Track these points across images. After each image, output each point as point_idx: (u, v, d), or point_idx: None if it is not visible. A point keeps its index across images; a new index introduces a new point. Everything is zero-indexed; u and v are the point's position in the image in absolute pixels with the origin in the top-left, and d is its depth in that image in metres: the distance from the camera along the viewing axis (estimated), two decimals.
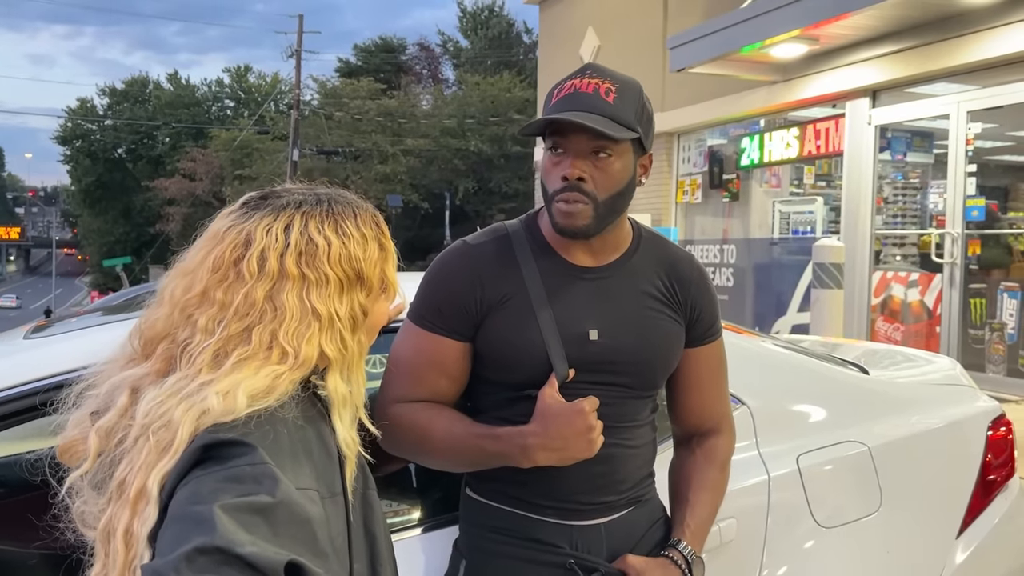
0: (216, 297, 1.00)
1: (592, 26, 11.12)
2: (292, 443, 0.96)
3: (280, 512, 0.86)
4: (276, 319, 0.99)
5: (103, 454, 0.98)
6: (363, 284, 1.07)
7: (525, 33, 33.48)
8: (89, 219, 48.94)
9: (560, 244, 1.51)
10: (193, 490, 0.86)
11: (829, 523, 1.96)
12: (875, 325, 7.28)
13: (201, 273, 1.02)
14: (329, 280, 1.02)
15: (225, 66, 78.94)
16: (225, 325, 0.98)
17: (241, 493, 0.85)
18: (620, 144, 1.42)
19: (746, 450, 1.91)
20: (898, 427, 2.17)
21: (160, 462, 0.91)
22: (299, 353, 0.99)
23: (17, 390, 1.52)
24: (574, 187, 1.42)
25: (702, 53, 7.60)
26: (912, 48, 6.77)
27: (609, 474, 1.50)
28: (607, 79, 1.43)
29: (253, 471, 0.87)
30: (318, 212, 1.06)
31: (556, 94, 1.45)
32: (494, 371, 1.50)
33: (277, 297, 1.00)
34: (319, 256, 1.02)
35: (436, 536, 1.68)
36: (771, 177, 8.87)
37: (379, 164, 26.31)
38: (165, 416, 0.93)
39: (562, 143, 1.43)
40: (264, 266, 1.00)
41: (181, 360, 0.99)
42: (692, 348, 1.58)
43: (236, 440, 0.90)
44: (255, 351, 0.98)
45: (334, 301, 1.03)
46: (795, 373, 2.19)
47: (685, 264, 1.58)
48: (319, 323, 1.01)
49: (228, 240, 1.02)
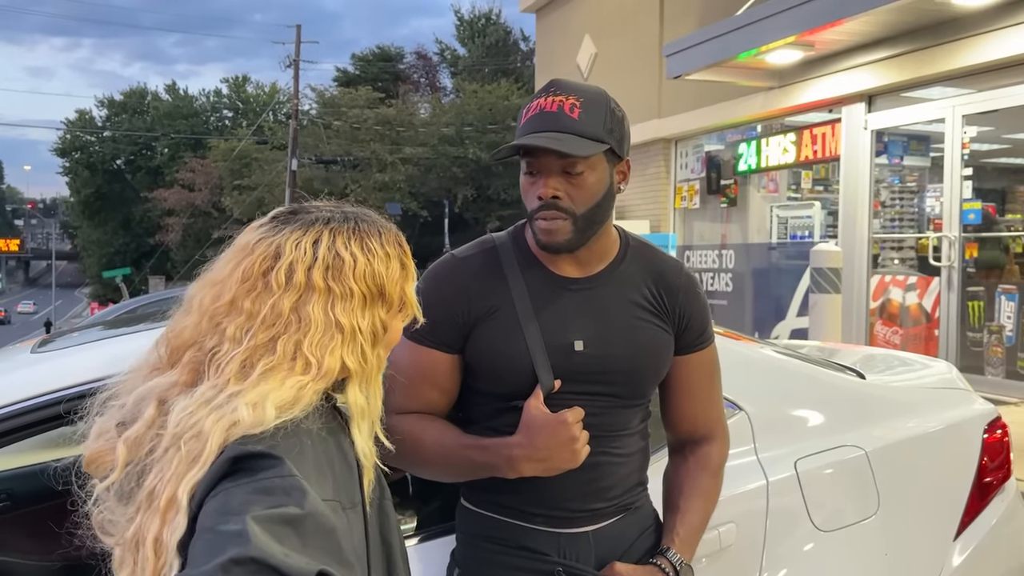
0: (244, 307, 1.03)
1: (589, 33, 11.15)
2: (316, 455, 0.98)
3: (309, 523, 0.88)
4: (301, 330, 1.02)
5: (130, 464, 1.00)
6: (384, 300, 1.10)
7: (522, 41, 33.58)
8: (88, 230, 48.97)
9: (546, 256, 1.52)
10: (223, 501, 0.88)
11: (827, 527, 1.97)
12: (874, 329, 7.30)
13: (230, 283, 1.05)
14: (354, 294, 1.06)
15: (223, 76, 79.08)
16: (252, 335, 1.01)
17: (271, 505, 0.86)
18: (591, 158, 1.43)
19: (745, 455, 1.93)
20: (895, 431, 2.18)
21: (190, 472, 0.93)
22: (322, 364, 1.02)
23: (34, 401, 1.54)
24: (551, 205, 1.44)
25: (698, 60, 7.63)
26: (907, 53, 6.80)
27: (597, 482, 1.51)
28: (571, 94, 1.44)
29: (283, 483, 0.89)
30: (345, 229, 1.09)
31: (525, 115, 1.47)
32: (483, 382, 1.51)
33: (303, 309, 1.03)
34: (345, 271, 1.06)
35: (434, 546, 1.69)
36: (769, 182, 8.89)
37: (378, 172, 26.36)
38: (196, 427, 0.95)
39: (534, 164, 1.45)
40: (292, 278, 1.03)
41: (210, 369, 1.01)
42: (683, 355, 1.59)
43: (265, 453, 0.92)
44: (280, 361, 1.00)
45: (357, 315, 1.06)
46: (792, 378, 2.20)
47: (673, 272, 1.59)
48: (342, 335, 1.04)
49: (258, 252, 1.06)
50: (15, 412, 1.55)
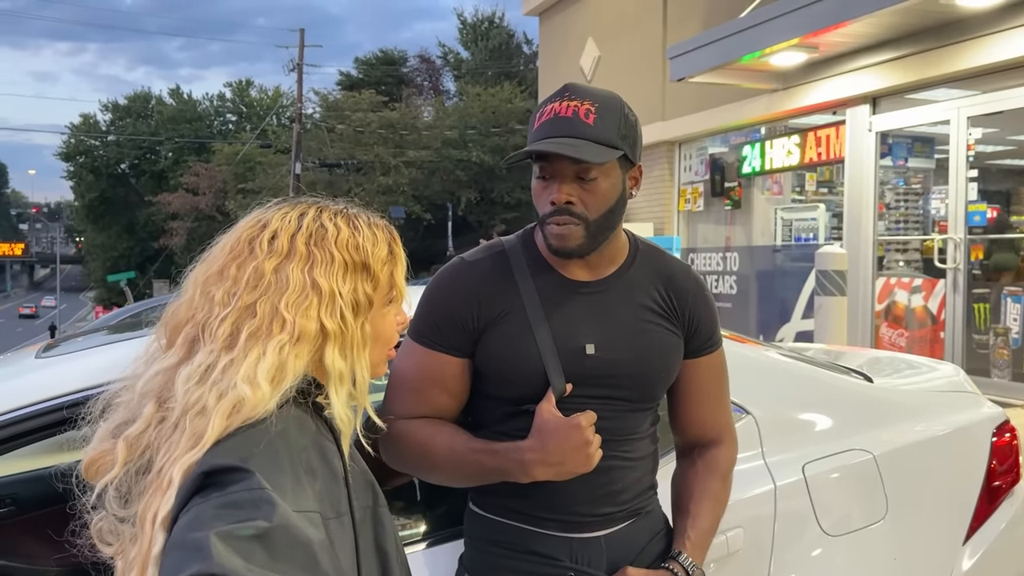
0: (230, 272, 1.05)
1: (592, 36, 11.15)
2: (294, 465, 0.97)
3: (278, 537, 0.86)
4: (278, 291, 1.03)
5: (130, 463, 1.00)
6: (369, 274, 1.11)
7: (525, 44, 33.59)
8: (93, 234, 49.12)
9: (556, 260, 1.52)
10: (192, 517, 0.87)
11: (836, 531, 1.96)
12: (879, 331, 7.28)
13: (219, 256, 1.08)
14: (335, 260, 1.07)
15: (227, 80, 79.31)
16: (238, 297, 1.03)
17: (239, 519, 0.86)
18: (604, 164, 1.43)
19: (752, 459, 1.92)
20: (903, 434, 2.17)
21: (188, 455, 0.94)
22: (296, 323, 1.02)
23: (39, 406, 1.55)
24: (563, 211, 1.43)
25: (702, 62, 7.62)
26: (911, 55, 6.78)
27: (609, 486, 1.50)
28: (586, 99, 1.43)
29: (251, 496, 0.88)
30: (333, 208, 1.13)
31: (538, 119, 1.46)
32: (493, 387, 1.51)
33: (283, 271, 1.05)
34: (328, 238, 1.08)
35: (441, 551, 1.68)
36: (773, 184, 8.88)
37: (381, 176, 26.37)
38: (199, 402, 0.97)
39: (547, 169, 1.45)
40: (275, 243, 1.06)
41: (204, 335, 1.03)
42: (691, 359, 1.59)
43: (235, 466, 0.91)
44: (260, 324, 1.01)
45: (337, 279, 1.07)
46: (800, 382, 2.19)
47: (682, 275, 1.59)
48: (319, 296, 1.05)
49: (246, 226, 1.10)
50: (20, 417, 1.55)
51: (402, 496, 2.01)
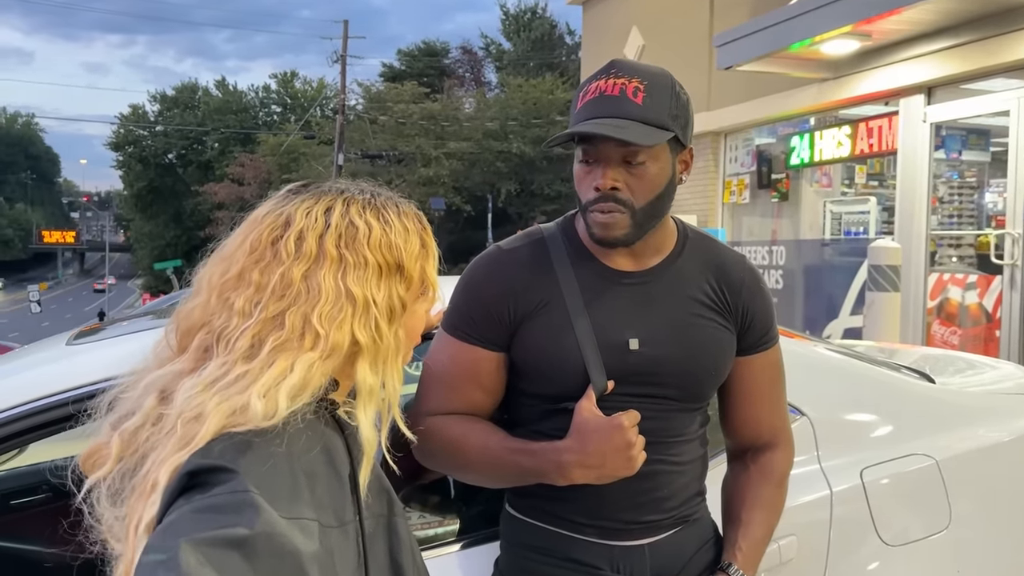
0: (253, 278, 0.96)
1: (636, 25, 11.00)
2: (292, 468, 0.89)
3: (260, 545, 0.78)
4: (310, 301, 0.94)
5: (124, 460, 0.93)
6: (402, 275, 1.01)
7: (568, 34, 33.41)
8: (141, 223, 50.11)
9: (599, 248, 1.42)
10: (170, 521, 0.80)
11: (895, 541, 1.85)
12: (931, 329, 7.06)
13: (238, 256, 0.98)
14: (368, 264, 0.98)
15: (272, 72, 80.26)
16: (263, 307, 0.94)
17: (218, 525, 0.78)
18: (654, 147, 1.32)
19: (807, 464, 1.82)
20: (968, 439, 2.05)
21: (174, 456, 0.86)
22: (329, 337, 0.94)
23: (57, 398, 1.51)
24: (608, 197, 1.33)
25: (750, 50, 7.45)
26: (969, 43, 6.55)
27: (653, 491, 1.41)
28: (634, 77, 1.33)
29: (233, 500, 0.81)
30: (360, 199, 1.02)
31: (581, 98, 1.36)
32: (529, 383, 1.42)
33: (313, 278, 0.95)
34: (359, 239, 0.98)
35: (476, 553, 1.61)
36: (822, 176, 8.66)
37: (422, 167, 26.45)
38: (197, 408, 0.89)
39: (591, 152, 1.35)
40: (302, 246, 0.96)
41: (218, 346, 0.94)
42: (745, 356, 1.48)
43: (220, 466, 0.83)
44: (288, 336, 0.93)
45: (371, 286, 0.98)
46: (857, 381, 2.08)
47: (735, 266, 1.48)
48: (353, 307, 0.96)
49: (267, 222, 0.99)
50: (48, 405, 1.52)
51: (436, 494, 1.95)
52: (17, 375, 1.73)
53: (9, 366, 1.85)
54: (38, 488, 2.52)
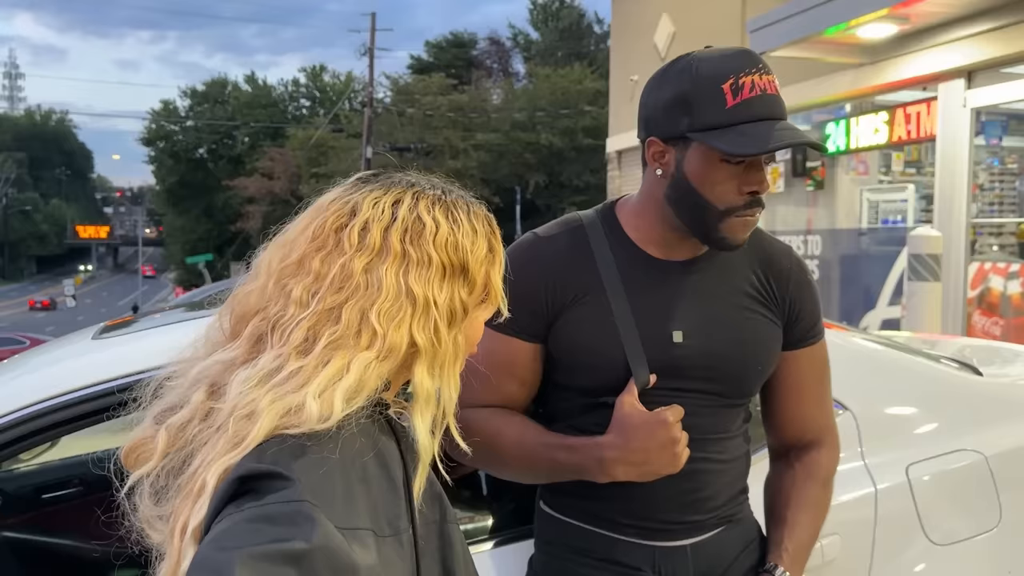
0: (313, 267, 0.92)
1: (667, 12, 10.87)
2: (346, 474, 0.85)
3: (317, 560, 0.74)
4: (368, 296, 0.90)
5: (169, 455, 0.90)
6: (466, 278, 0.96)
7: (596, 23, 33.23)
8: (173, 217, 50.78)
9: (643, 238, 1.37)
10: (221, 530, 0.76)
11: (943, 540, 1.79)
12: (971, 319, 6.91)
13: (300, 242, 0.94)
14: (432, 263, 0.93)
15: (301, 66, 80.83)
16: (320, 298, 0.90)
17: (273, 538, 0.74)
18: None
19: (850, 460, 1.76)
20: (1019, 434, 1.97)
21: (227, 455, 0.83)
22: (387, 337, 0.89)
23: (81, 393, 1.49)
24: (759, 202, 1.28)
25: (784, 35, 7.31)
26: (1010, 25, 6.37)
27: (696, 491, 1.35)
28: (769, 71, 1.26)
29: (289, 510, 0.76)
30: (431, 194, 0.97)
31: (731, 92, 1.23)
32: (567, 376, 1.37)
33: (374, 272, 0.91)
34: (425, 236, 0.93)
35: (510, 551, 1.57)
36: (858, 164, 8.50)
37: (450, 160, 26.49)
38: (250, 405, 0.85)
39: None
40: (365, 238, 0.92)
41: (273, 336, 0.90)
42: (791, 351, 1.42)
43: (275, 472, 0.79)
44: (344, 333, 0.89)
45: (433, 286, 0.93)
46: (902, 374, 2.00)
47: (783, 257, 1.42)
48: (413, 307, 0.91)
49: (332, 210, 0.95)
50: (73, 400, 1.50)
51: (467, 487, 1.91)
52: (43, 370, 1.72)
53: (36, 360, 1.84)
54: (68, 483, 2.53)
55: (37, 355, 1.90)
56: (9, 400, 1.48)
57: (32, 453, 2.53)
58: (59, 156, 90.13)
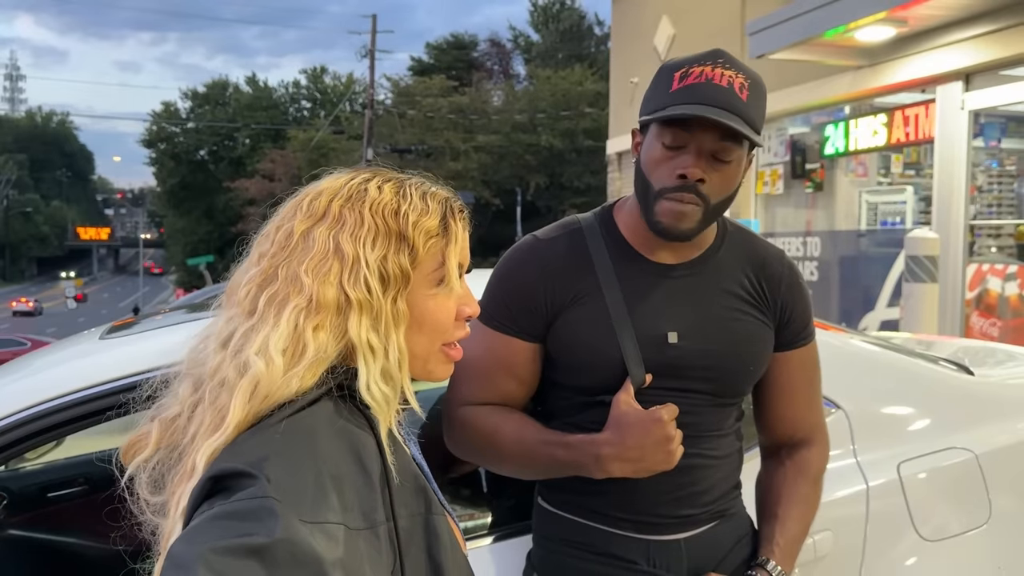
0: (270, 233, 1.01)
1: (667, 15, 10.91)
2: (318, 468, 0.88)
3: (279, 553, 0.78)
4: (303, 253, 0.97)
5: (162, 448, 0.95)
6: (406, 245, 0.99)
7: (597, 25, 33.27)
8: (174, 219, 50.77)
9: (638, 240, 1.41)
10: (193, 526, 0.81)
11: (934, 536, 1.82)
12: (969, 320, 6.94)
13: (275, 218, 1.04)
14: (364, 223, 0.98)
15: (302, 68, 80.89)
16: (266, 258, 0.98)
17: (238, 532, 0.78)
18: (742, 148, 1.31)
19: (842, 457, 1.79)
20: (1009, 433, 2.00)
21: (210, 439, 0.88)
22: (314, 289, 0.94)
23: (93, 391, 1.54)
24: (691, 187, 1.30)
25: (783, 38, 7.34)
26: (1008, 28, 6.40)
27: (690, 486, 1.40)
28: (740, 72, 1.30)
29: (253, 506, 0.80)
30: (392, 177, 1.04)
31: (678, 79, 1.30)
32: (565, 375, 1.41)
33: (311, 234, 0.98)
34: (365, 201, 0.99)
35: (508, 546, 1.60)
36: (857, 166, 8.53)
37: (451, 161, 26.51)
38: (220, 372, 0.91)
39: (684, 137, 1.30)
40: (313, 205, 1.00)
41: (229, 299, 0.98)
42: (783, 352, 1.47)
43: (242, 471, 0.83)
44: (278, 289, 0.95)
45: (365, 244, 0.97)
46: (894, 373, 2.04)
47: (775, 261, 1.47)
48: (341, 262, 0.96)
49: (306, 190, 1.04)
50: (81, 399, 1.54)
51: (467, 485, 1.94)
52: (53, 369, 1.76)
53: (45, 360, 1.88)
54: (74, 481, 2.56)
55: (47, 354, 1.94)
56: (25, 396, 1.52)
57: (36, 452, 2.56)
58: (60, 158, 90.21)
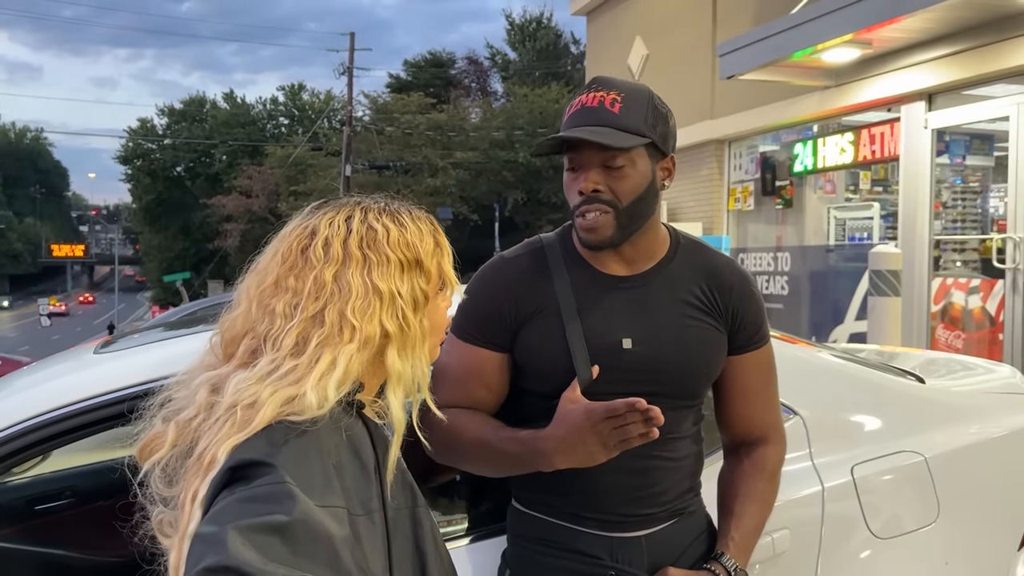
0: (289, 284, 1.07)
1: (640, 35, 11.09)
2: (323, 459, 0.99)
3: (298, 531, 0.88)
4: (343, 298, 1.06)
5: (178, 446, 1.03)
6: (422, 270, 1.13)
7: (573, 44, 33.51)
8: (150, 236, 50.26)
9: (592, 255, 1.52)
10: (216, 510, 0.90)
11: (885, 534, 1.93)
12: (935, 333, 7.11)
13: (272, 267, 1.10)
14: (390, 261, 1.09)
15: (279, 84, 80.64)
16: (302, 308, 1.05)
17: (259, 513, 0.87)
18: (631, 152, 1.43)
19: (800, 460, 1.90)
20: (956, 436, 2.12)
21: (236, 435, 0.96)
22: (363, 330, 1.05)
23: (101, 399, 1.60)
24: (592, 199, 1.45)
25: (752, 59, 7.52)
26: (969, 50, 6.61)
27: (648, 487, 1.50)
28: (612, 90, 1.45)
29: (272, 490, 0.90)
30: (376, 207, 1.14)
31: (567, 112, 1.48)
32: (529, 381, 1.53)
33: (342, 278, 1.07)
34: (379, 240, 1.10)
35: (484, 546, 1.69)
36: (826, 183, 8.72)
37: (429, 177, 26.53)
38: (253, 396, 0.99)
39: (575, 159, 1.47)
40: (329, 251, 1.08)
41: (266, 345, 1.05)
42: (737, 355, 1.57)
43: (259, 461, 0.94)
44: (330, 332, 1.04)
45: (395, 280, 1.09)
46: (849, 383, 2.15)
47: (726, 270, 1.57)
48: (380, 300, 1.07)
49: (295, 235, 1.11)
50: (80, 410, 1.61)
51: (446, 492, 2.03)
52: (53, 381, 1.82)
53: (41, 374, 1.94)
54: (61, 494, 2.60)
55: (43, 368, 2.01)
56: (26, 408, 1.59)
57: (22, 468, 2.60)
58: (34, 174, 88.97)
